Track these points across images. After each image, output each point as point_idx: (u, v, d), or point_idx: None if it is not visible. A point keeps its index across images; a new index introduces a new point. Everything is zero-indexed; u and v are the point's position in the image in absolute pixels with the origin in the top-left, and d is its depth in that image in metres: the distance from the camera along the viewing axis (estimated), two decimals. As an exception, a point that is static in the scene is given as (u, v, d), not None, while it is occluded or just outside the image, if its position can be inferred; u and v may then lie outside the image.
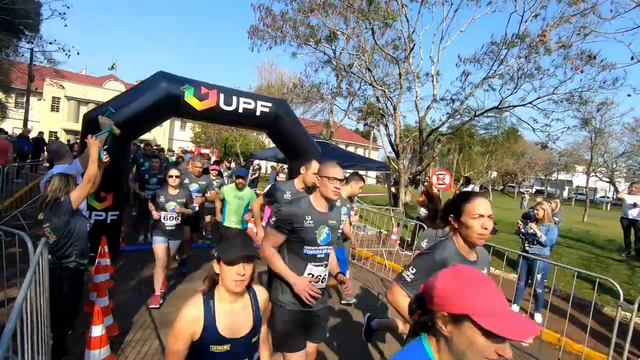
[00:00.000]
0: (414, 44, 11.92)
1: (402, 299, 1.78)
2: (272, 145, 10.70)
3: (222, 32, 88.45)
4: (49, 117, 31.60)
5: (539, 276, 4.96)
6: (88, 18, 65.63)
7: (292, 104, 18.06)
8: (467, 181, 12.62)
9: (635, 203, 8.29)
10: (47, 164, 11.11)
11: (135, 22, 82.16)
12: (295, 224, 2.21)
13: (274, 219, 2.31)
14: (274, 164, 14.41)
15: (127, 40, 77.64)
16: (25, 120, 19.22)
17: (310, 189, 3.46)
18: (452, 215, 1.82)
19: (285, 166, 10.54)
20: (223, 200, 5.10)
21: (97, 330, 2.66)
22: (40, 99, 28.57)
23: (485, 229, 1.70)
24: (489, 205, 1.76)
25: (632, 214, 8.30)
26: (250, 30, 13.49)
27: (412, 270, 1.79)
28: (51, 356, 2.54)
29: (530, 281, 5.25)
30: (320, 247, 2.27)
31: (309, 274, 2.26)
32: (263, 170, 22.50)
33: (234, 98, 6.37)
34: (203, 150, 19.48)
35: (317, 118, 23.61)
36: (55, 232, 2.72)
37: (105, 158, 3.39)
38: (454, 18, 13.50)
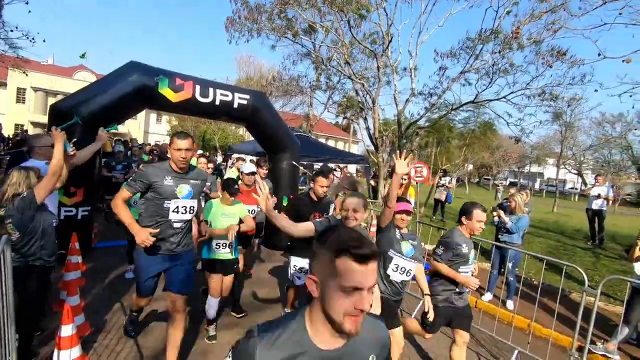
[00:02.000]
0: (392, 37, 11.98)
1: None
2: (251, 138, 10.55)
3: (199, 24, 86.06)
4: (14, 108, 29.98)
5: (510, 264, 5.15)
6: (55, 4, 62.20)
7: (272, 96, 17.85)
8: (444, 173, 12.86)
9: (599, 194, 8.70)
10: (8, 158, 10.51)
11: (107, 8, 78.69)
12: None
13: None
14: (253, 157, 14.24)
15: (98, 28, 74.24)
16: (-12, 112, 18.17)
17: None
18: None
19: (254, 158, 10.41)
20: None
21: (67, 330, 2.56)
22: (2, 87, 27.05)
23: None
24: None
25: (597, 204, 8.72)
26: (227, 22, 13.19)
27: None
28: (17, 358, 2.44)
29: (503, 270, 5.44)
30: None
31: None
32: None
33: (211, 90, 6.20)
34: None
35: (296, 111, 23.45)
36: (19, 229, 2.58)
37: (72, 151, 3.22)
38: (431, 12, 13.67)
